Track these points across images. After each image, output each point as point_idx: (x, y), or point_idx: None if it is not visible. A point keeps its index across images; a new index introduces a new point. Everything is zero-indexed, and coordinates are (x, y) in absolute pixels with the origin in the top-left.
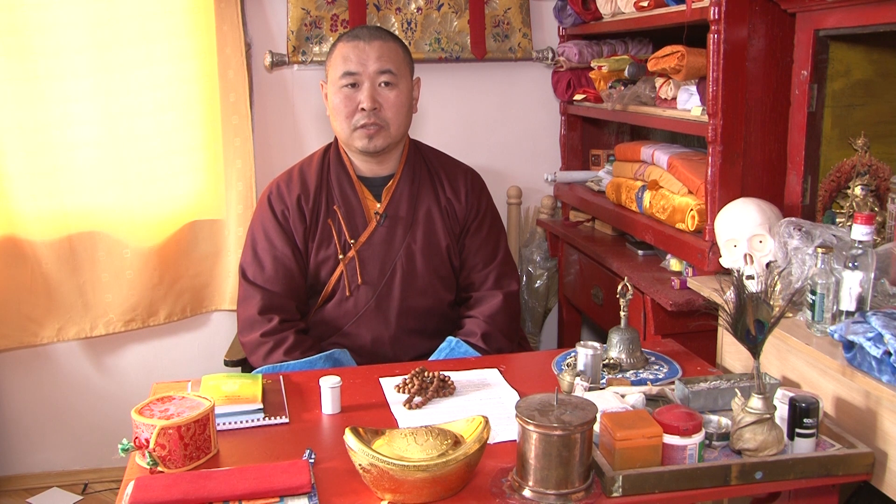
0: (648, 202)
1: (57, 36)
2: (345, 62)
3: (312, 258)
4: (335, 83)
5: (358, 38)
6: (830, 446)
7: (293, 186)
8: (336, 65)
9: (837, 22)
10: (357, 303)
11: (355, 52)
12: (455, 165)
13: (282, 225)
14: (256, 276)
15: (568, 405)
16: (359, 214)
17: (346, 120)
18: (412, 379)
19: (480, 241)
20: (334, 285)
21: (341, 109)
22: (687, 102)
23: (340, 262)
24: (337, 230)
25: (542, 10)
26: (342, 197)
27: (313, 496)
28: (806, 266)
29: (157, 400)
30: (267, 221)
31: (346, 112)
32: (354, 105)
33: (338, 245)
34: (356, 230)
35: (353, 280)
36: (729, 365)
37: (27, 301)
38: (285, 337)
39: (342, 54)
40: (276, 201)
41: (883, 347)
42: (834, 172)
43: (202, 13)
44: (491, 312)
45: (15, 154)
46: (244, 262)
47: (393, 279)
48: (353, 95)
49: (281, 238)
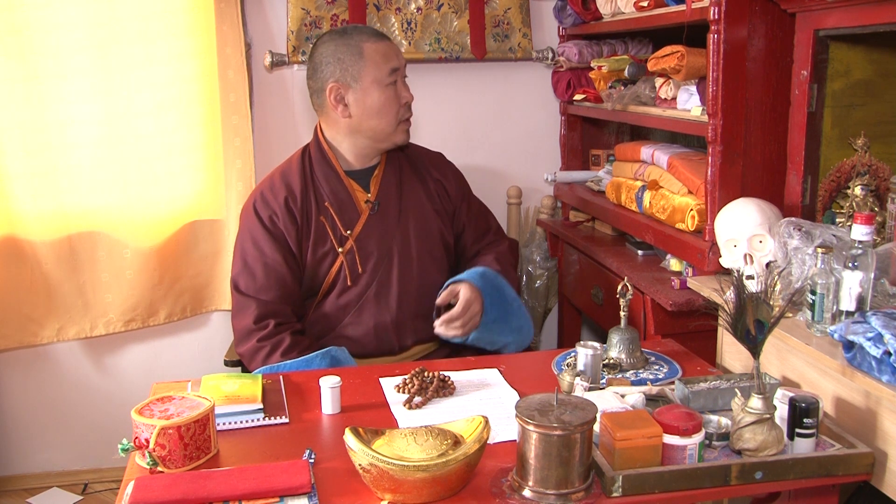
0: (648, 202)
1: (57, 36)
2: (387, 60)
3: (310, 256)
4: (380, 81)
5: (380, 37)
6: (830, 446)
7: (278, 191)
8: (375, 63)
9: (837, 22)
10: (358, 292)
11: (389, 49)
12: (428, 151)
13: (270, 231)
14: (249, 287)
15: (568, 405)
16: (350, 207)
17: (394, 116)
18: (412, 379)
19: (474, 214)
20: (334, 278)
21: (391, 106)
22: (687, 102)
23: (340, 255)
24: (331, 225)
25: (542, 10)
26: (332, 192)
27: (313, 496)
28: (806, 266)
29: (157, 400)
30: (255, 230)
31: (395, 108)
32: (399, 100)
33: (334, 239)
34: (350, 222)
35: (354, 270)
36: (729, 365)
37: (27, 301)
38: (281, 339)
39: (381, 52)
40: (262, 208)
41: (883, 347)
42: (834, 172)
43: (202, 13)
44: (497, 252)
45: (15, 154)
46: (235, 275)
47: (391, 264)
48: (396, 91)
49: (270, 245)
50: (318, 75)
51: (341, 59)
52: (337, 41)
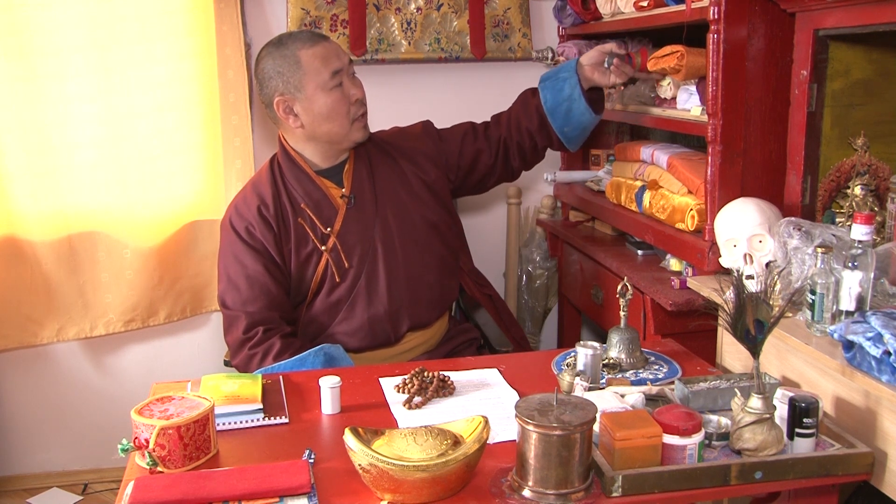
0: (648, 202)
1: (57, 36)
2: (327, 63)
3: (294, 260)
4: (323, 86)
5: (316, 40)
6: (830, 446)
7: (250, 201)
8: (315, 70)
9: (837, 22)
10: (348, 287)
11: (327, 51)
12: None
13: (248, 243)
14: (235, 302)
15: (567, 405)
16: (326, 205)
17: (346, 117)
18: (412, 379)
19: (457, 137)
20: (321, 277)
21: (340, 108)
22: (687, 102)
23: (324, 253)
24: (310, 225)
25: (541, 9)
26: (306, 194)
27: (313, 496)
28: (805, 266)
29: (156, 400)
30: (234, 245)
31: (345, 109)
32: (347, 100)
33: (315, 239)
34: (329, 219)
35: (341, 265)
36: (729, 365)
37: (27, 301)
38: (272, 344)
39: (319, 57)
40: (238, 221)
41: (882, 347)
42: (833, 172)
43: (202, 13)
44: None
45: (15, 154)
46: (221, 293)
47: (376, 256)
48: (342, 92)
49: (250, 257)
50: (264, 91)
51: (281, 71)
52: (274, 54)
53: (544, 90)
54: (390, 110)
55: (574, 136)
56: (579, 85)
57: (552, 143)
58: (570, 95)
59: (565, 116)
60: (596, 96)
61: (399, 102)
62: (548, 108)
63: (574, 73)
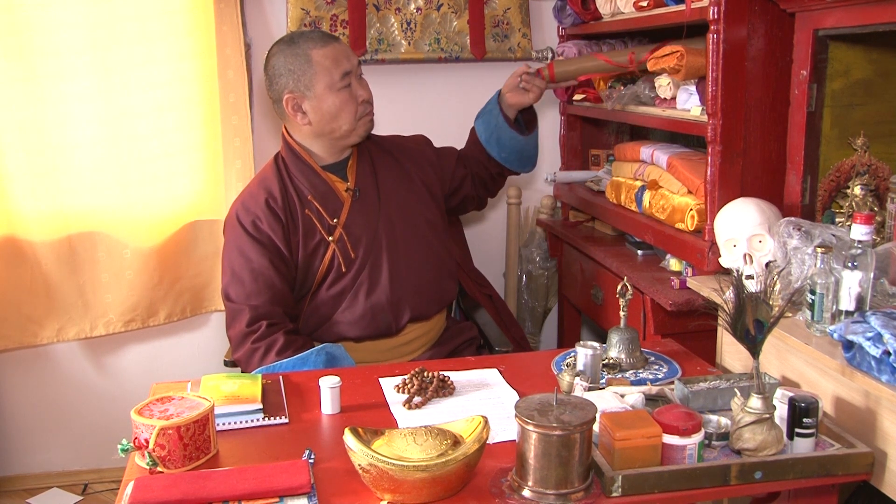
0: (648, 202)
1: (57, 36)
2: (337, 64)
3: (301, 251)
4: (333, 86)
5: (328, 41)
6: (830, 446)
7: (257, 196)
8: (326, 70)
9: (837, 22)
10: (352, 277)
11: (338, 52)
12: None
13: (255, 237)
14: (239, 295)
15: (567, 405)
16: (332, 197)
17: (353, 116)
18: (412, 379)
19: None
20: (327, 268)
21: (348, 108)
22: (686, 102)
23: (331, 244)
24: (317, 217)
25: (541, 9)
26: (312, 187)
27: (313, 496)
28: (805, 266)
29: (156, 400)
30: (239, 239)
31: (353, 109)
32: (355, 101)
33: (322, 230)
34: (335, 211)
35: (347, 256)
36: (728, 365)
37: (27, 301)
38: (275, 339)
39: (330, 57)
40: (245, 215)
41: (882, 347)
42: (833, 172)
43: (202, 13)
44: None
45: (15, 154)
46: (225, 286)
47: (380, 247)
48: (351, 92)
49: (256, 251)
50: (273, 87)
51: (291, 69)
52: (286, 52)
53: (478, 125)
54: (390, 110)
55: (513, 159)
56: (501, 113)
57: (502, 169)
58: (496, 124)
59: (498, 144)
60: (529, 117)
61: (399, 102)
62: (483, 139)
63: (496, 104)
